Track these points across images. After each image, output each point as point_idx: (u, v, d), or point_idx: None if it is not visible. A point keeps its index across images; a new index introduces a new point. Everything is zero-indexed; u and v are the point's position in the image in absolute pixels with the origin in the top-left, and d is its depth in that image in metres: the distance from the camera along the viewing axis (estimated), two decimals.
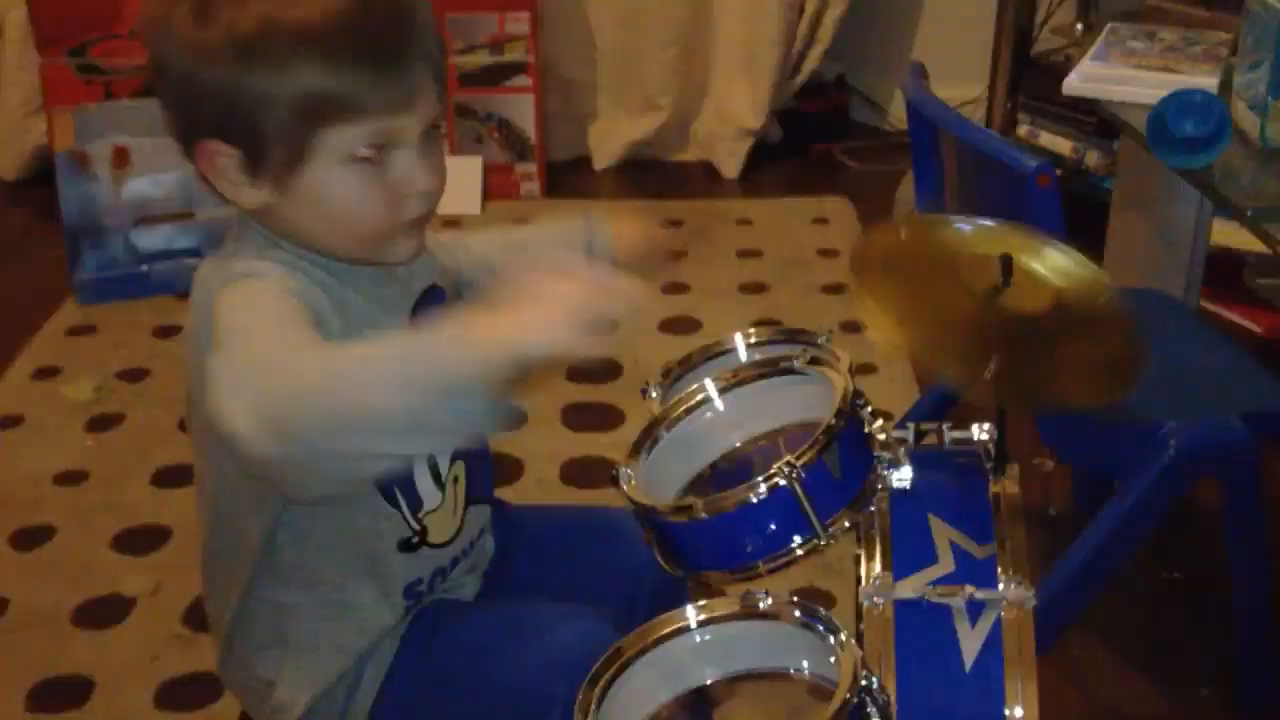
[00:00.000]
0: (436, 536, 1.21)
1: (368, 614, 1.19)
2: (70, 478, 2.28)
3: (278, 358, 0.97)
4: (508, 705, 1.16)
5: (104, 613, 1.97)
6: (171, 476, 2.26)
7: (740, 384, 1.19)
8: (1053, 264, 1.17)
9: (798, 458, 1.04)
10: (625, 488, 1.11)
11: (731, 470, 1.17)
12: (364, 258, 1.13)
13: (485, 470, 1.28)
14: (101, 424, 2.43)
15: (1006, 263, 1.09)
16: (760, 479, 1.04)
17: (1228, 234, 2.47)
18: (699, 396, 1.19)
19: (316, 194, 1.08)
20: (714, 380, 1.19)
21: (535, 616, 1.22)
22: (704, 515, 1.06)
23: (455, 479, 1.22)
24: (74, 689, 1.83)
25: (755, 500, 1.04)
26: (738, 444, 1.20)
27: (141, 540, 2.11)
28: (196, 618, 1.91)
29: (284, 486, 1.02)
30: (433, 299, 1.21)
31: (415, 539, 1.19)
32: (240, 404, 0.92)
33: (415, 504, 1.18)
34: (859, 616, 1.15)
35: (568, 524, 1.39)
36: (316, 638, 1.19)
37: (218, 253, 1.14)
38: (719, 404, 1.19)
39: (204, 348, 1.04)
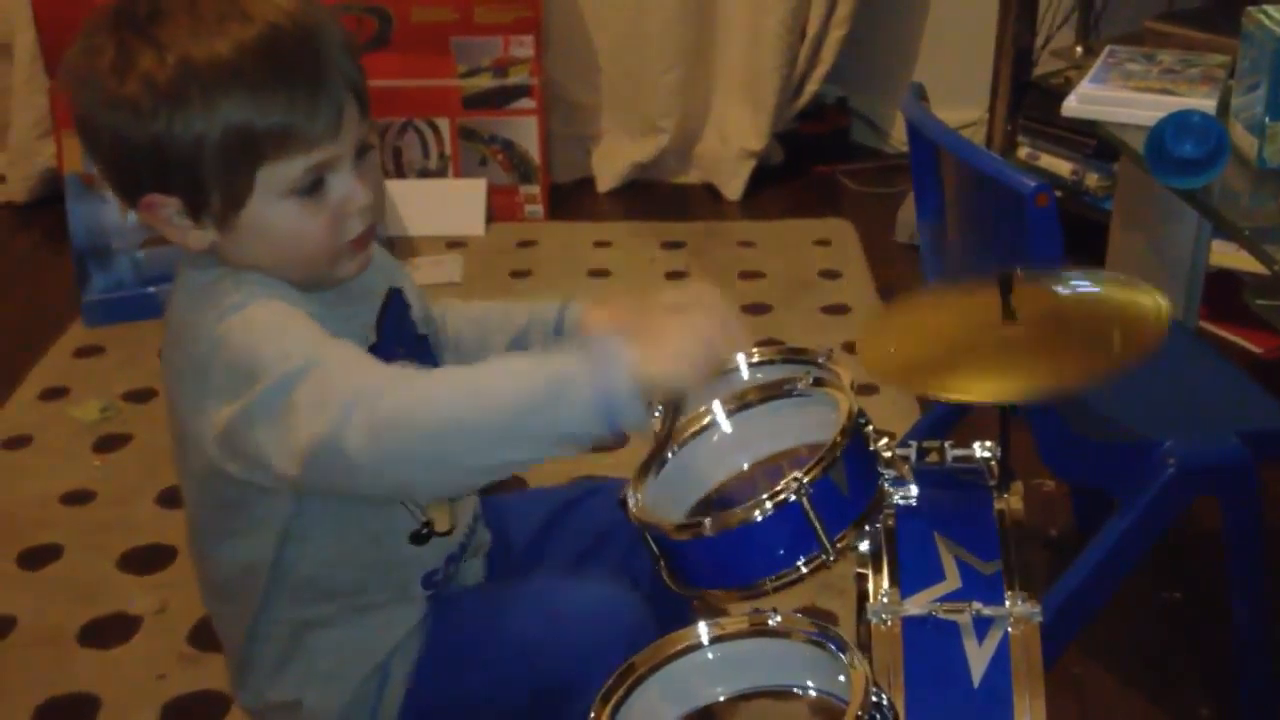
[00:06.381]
0: (441, 525, 1.23)
1: (389, 613, 1.21)
2: (77, 497, 2.28)
3: (387, 385, 0.99)
4: (524, 661, 1.18)
5: (110, 631, 1.97)
6: (178, 496, 2.24)
7: (746, 407, 1.20)
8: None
9: (805, 474, 1.05)
10: (632, 508, 1.12)
11: (737, 496, 1.18)
12: (314, 280, 1.14)
13: None
14: (108, 444, 2.44)
15: (1006, 283, 1.10)
16: (767, 495, 1.05)
17: (1226, 255, 2.49)
18: (706, 419, 1.20)
19: (260, 229, 1.09)
20: (721, 403, 1.20)
21: (541, 581, 1.26)
22: (711, 533, 1.07)
23: None
24: (80, 707, 1.83)
25: (762, 517, 1.05)
26: (744, 467, 1.21)
27: (148, 559, 2.12)
28: (203, 636, 1.92)
29: (357, 488, 1.03)
30: (397, 305, 1.23)
31: (425, 530, 1.21)
32: (349, 428, 0.96)
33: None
34: (860, 634, 1.16)
35: (554, 498, 1.42)
36: (341, 648, 1.20)
37: (190, 276, 1.14)
38: (726, 427, 1.21)
39: (198, 381, 1.07)
